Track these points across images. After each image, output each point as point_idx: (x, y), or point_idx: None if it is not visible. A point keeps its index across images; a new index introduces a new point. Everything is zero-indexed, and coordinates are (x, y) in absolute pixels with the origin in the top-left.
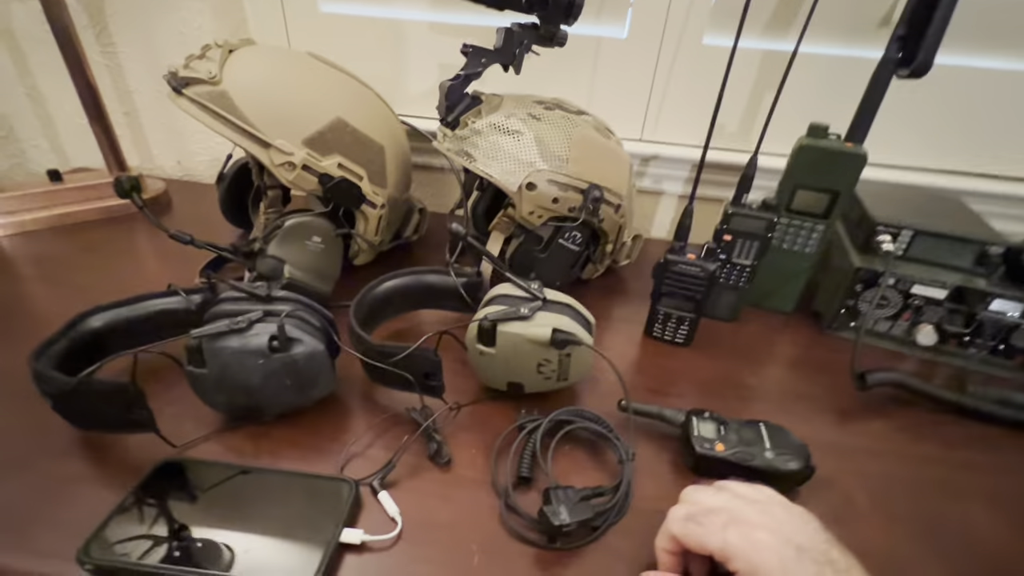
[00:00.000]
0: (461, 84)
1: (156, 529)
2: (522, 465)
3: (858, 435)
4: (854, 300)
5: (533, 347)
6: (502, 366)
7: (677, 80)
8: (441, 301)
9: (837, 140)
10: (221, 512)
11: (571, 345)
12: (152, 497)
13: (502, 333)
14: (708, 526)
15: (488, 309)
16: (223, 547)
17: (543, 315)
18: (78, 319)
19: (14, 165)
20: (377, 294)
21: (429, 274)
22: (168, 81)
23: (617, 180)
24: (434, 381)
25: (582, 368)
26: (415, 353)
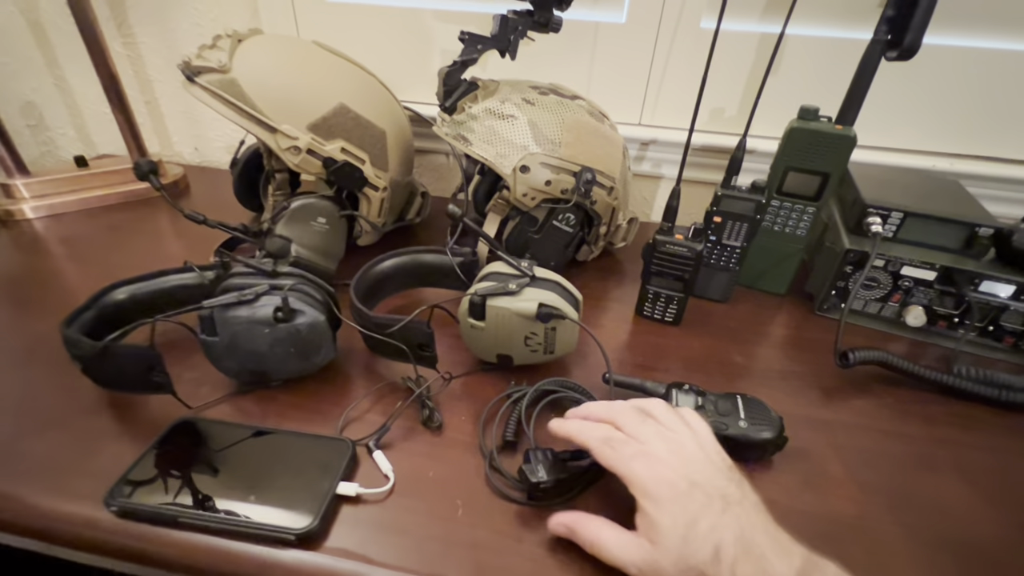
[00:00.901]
0: (458, 70)
1: (172, 478)
2: (507, 430)
3: (839, 411)
4: (845, 282)
5: (520, 321)
6: (491, 339)
7: (675, 64)
8: (439, 279)
9: (827, 123)
10: (230, 465)
11: (555, 319)
12: (169, 451)
13: (491, 307)
14: (620, 452)
15: (479, 285)
16: (231, 496)
17: (530, 291)
18: (104, 292)
19: (44, 152)
20: (377, 272)
21: (426, 253)
22: (182, 70)
23: (610, 163)
24: (427, 352)
25: (567, 341)
26: (409, 325)
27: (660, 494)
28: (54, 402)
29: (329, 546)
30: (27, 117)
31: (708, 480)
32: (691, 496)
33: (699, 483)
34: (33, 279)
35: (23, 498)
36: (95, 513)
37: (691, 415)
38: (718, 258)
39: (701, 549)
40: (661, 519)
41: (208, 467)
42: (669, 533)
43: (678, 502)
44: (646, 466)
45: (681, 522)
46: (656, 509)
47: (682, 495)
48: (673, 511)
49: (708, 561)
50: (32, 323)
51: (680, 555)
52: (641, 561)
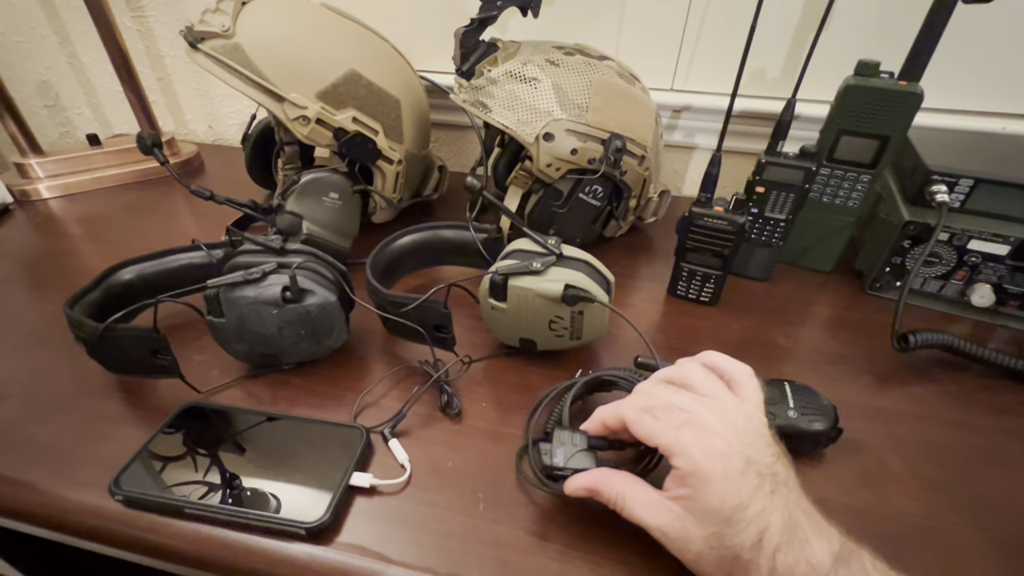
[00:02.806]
0: (476, 30)
1: (178, 466)
2: (549, 421)
3: (897, 399)
4: (901, 257)
5: (544, 303)
6: (514, 322)
7: (712, 22)
8: (461, 257)
9: (890, 79)
10: (239, 453)
11: (583, 302)
12: (176, 437)
13: (513, 288)
14: (664, 422)
15: (501, 263)
16: (240, 486)
17: (557, 270)
18: (109, 271)
19: (63, 133)
20: (395, 248)
21: (447, 229)
22: (184, 36)
23: (641, 130)
24: (444, 333)
25: (596, 327)
26: (425, 305)
27: (713, 471)
28: (62, 385)
29: (341, 541)
30: (44, 97)
31: (761, 457)
32: (746, 476)
33: (753, 461)
34: (47, 259)
35: (30, 484)
36: (101, 501)
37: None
38: (759, 232)
39: (744, 532)
40: (710, 497)
41: (216, 455)
42: (715, 512)
43: (731, 481)
44: (696, 437)
45: (732, 504)
46: (705, 486)
47: (736, 474)
48: (724, 491)
49: (748, 546)
50: (44, 304)
51: (718, 533)
52: (669, 527)
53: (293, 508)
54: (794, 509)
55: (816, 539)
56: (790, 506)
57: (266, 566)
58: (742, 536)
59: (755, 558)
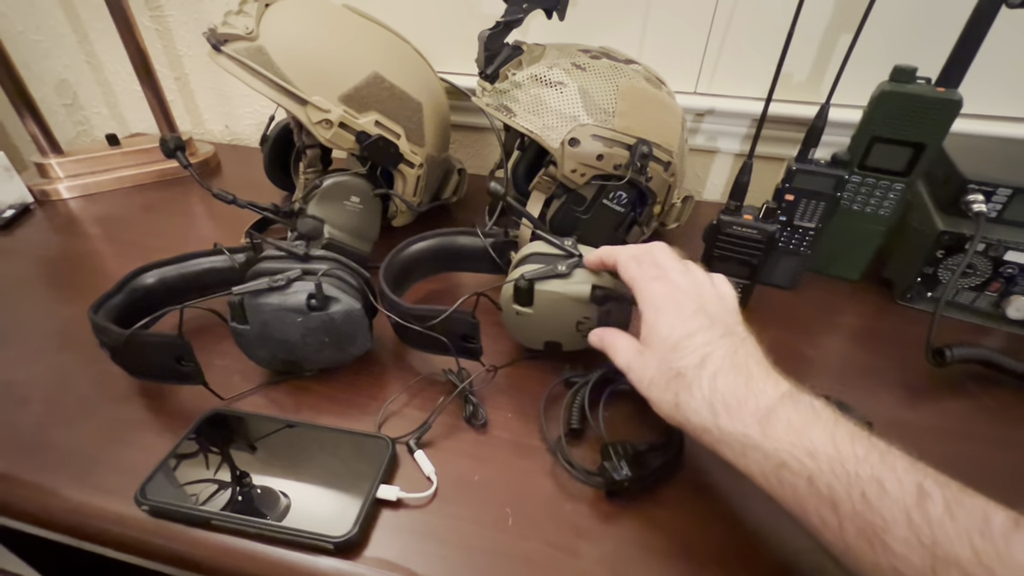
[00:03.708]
0: (501, 33)
1: (203, 475)
2: (572, 417)
3: (931, 415)
4: (934, 268)
5: (573, 305)
6: (539, 325)
7: (739, 24)
8: (472, 263)
9: (927, 84)
10: (264, 463)
11: (612, 301)
12: (200, 445)
13: (540, 292)
14: (643, 271)
15: (523, 268)
16: (264, 497)
17: (581, 272)
18: (132, 275)
19: (81, 132)
20: (406, 256)
21: (459, 235)
22: (207, 38)
23: (668, 135)
24: (472, 344)
25: (623, 324)
26: (453, 316)
27: (666, 307)
28: (84, 390)
29: (369, 555)
30: (62, 96)
31: (717, 313)
32: (695, 317)
33: (707, 310)
34: (68, 260)
35: (53, 491)
36: (125, 509)
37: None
38: (787, 241)
39: (689, 355)
40: (659, 326)
41: (240, 464)
42: (664, 338)
43: (680, 316)
44: (663, 287)
45: (678, 332)
46: (657, 318)
47: (686, 313)
48: (672, 322)
49: (692, 366)
50: (65, 306)
51: (665, 357)
52: (632, 360)
53: (320, 521)
54: (744, 354)
55: (763, 377)
56: (740, 350)
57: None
58: (687, 359)
59: (697, 375)
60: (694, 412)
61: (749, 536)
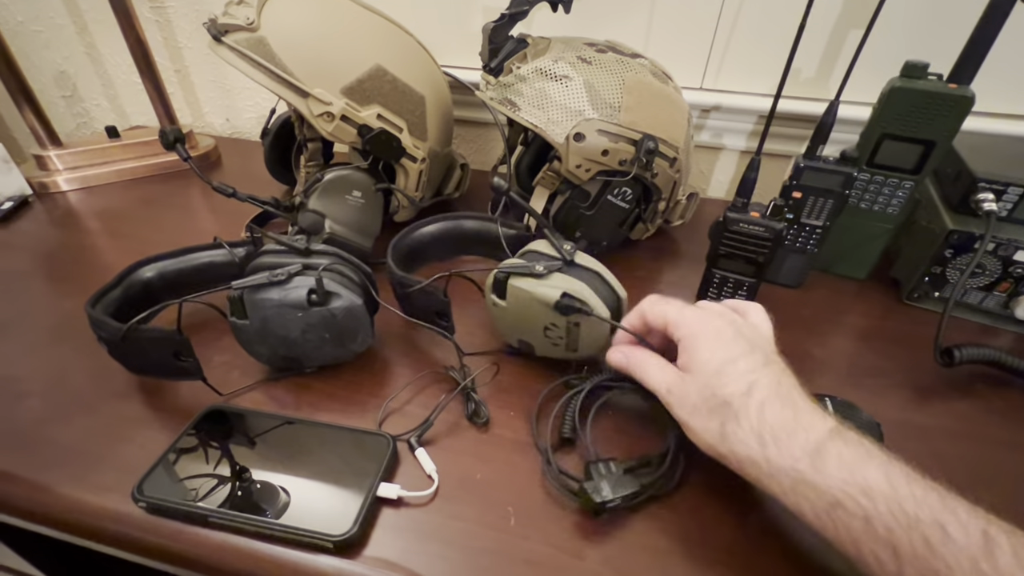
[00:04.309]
0: (505, 25)
1: (201, 472)
2: (564, 426)
3: (940, 415)
4: (942, 267)
5: (540, 308)
6: (512, 322)
7: (747, 18)
8: (487, 248)
9: (938, 81)
10: (263, 459)
11: (579, 314)
12: (199, 441)
13: (512, 287)
14: (672, 304)
15: (510, 261)
16: (263, 493)
17: (559, 277)
18: (130, 269)
19: (80, 124)
20: (419, 236)
21: (470, 220)
22: (208, 29)
23: (674, 130)
24: (444, 321)
25: (594, 341)
26: (426, 290)
27: (704, 332)
28: (82, 385)
29: (369, 555)
30: (62, 88)
31: (754, 339)
32: (735, 342)
33: (745, 336)
34: (66, 253)
35: (50, 487)
36: (123, 507)
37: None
38: (794, 239)
39: (734, 383)
40: (699, 350)
41: (239, 461)
42: (705, 364)
43: (720, 340)
44: (698, 313)
45: (720, 357)
46: (695, 342)
47: (726, 338)
48: (713, 347)
49: (738, 394)
50: (63, 300)
51: (708, 383)
52: (671, 383)
53: (319, 519)
54: (788, 384)
55: (809, 410)
56: (783, 380)
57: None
58: (731, 386)
59: (744, 404)
60: (741, 443)
61: (756, 537)
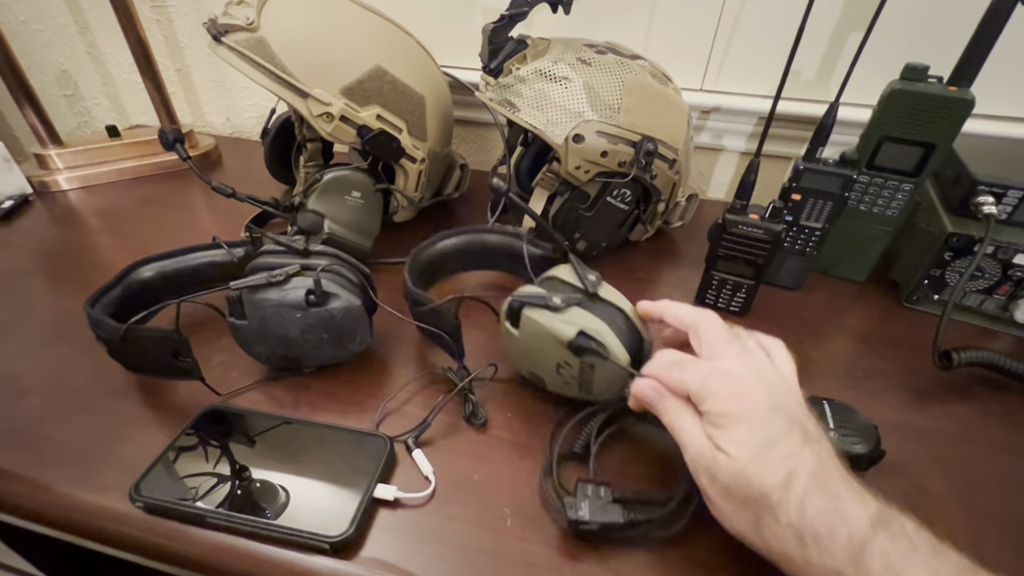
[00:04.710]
0: (505, 26)
1: (198, 472)
2: (577, 442)
3: (938, 418)
4: (941, 270)
5: (553, 344)
6: (523, 353)
7: (748, 19)
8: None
9: (938, 84)
10: (260, 460)
11: (593, 356)
12: (197, 441)
13: (526, 317)
14: (692, 372)
15: (527, 288)
16: (261, 493)
17: (578, 312)
18: (130, 269)
19: (81, 123)
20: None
21: (495, 235)
22: (208, 29)
23: (673, 132)
24: (454, 342)
25: (609, 386)
26: (438, 310)
27: (738, 410)
28: (81, 383)
29: (365, 556)
30: (63, 87)
31: (790, 409)
32: (772, 420)
33: (781, 407)
34: (66, 252)
35: (48, 486)
36: (120, 506)
37: (776, 345)
38: (793, 241)
39: (772, 471)
40: (735, 431)
41: (236, 461)
42: (741, 447)
43: (756, 418)
44: (725, 382)
45: (757, 440)
46: (732, 423)
47: (762, 414)
48: (749, 427)
49: (777, 486)
50: (63, 298)
51: (744, 471)
52: (701, 453)
53: (316, 520)
54: (827, 463)
55: (850, 496)
56: (823, 459)
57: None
58: (770, 475)
59: (784, 498)
60: (777, 539)
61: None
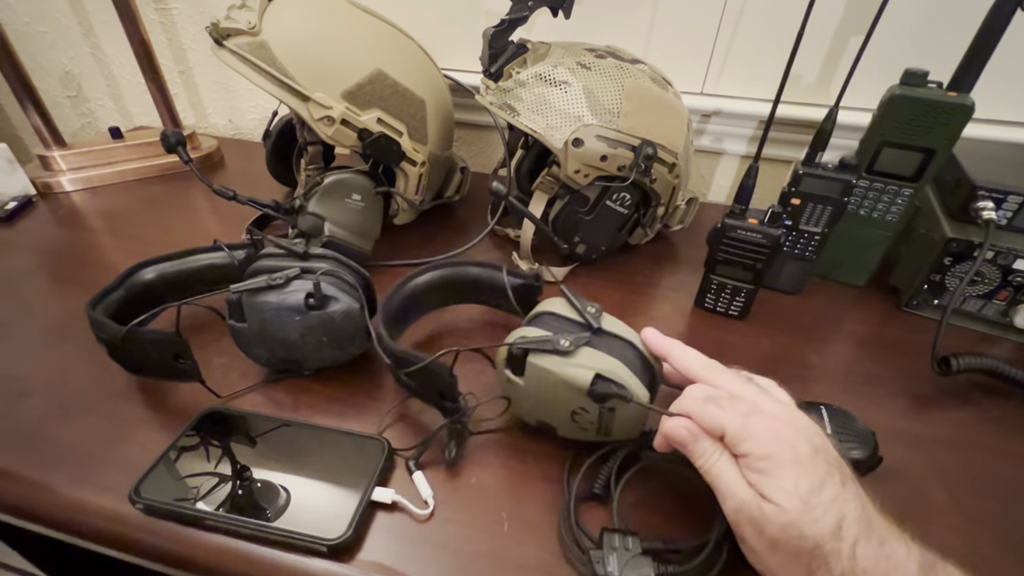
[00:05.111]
0: (506, 31)
1: (198, 473)
2: (596, 482)
3: (936, 424)
4: (941, 275)
5: (568, 390)
6: (531, 402)
7: (748, 23)
8: (490, 297)
9: (938, 89)
10: (259, 462)
11: (616, 400)
12: (197, 443)
13: (533, 366)
14: (731, 409)
15: (526, 330)
16: (259, 495)
17: (589, 352)
18: (132, 271)
19: (85, 124)
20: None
21: (475, 267)
22: (210, 33)
23: (673, 136)
24: (448, 402)
25: (630, 425)
26: (430, 367)
27: (782, 454)
28: (83, 385)
29: (363, 559)
30: (67, 88)
31: (827, 447)
32: (815, 462)
33: (821, 449)
34: (69, 254)
35: (48, 487)
36: (121, 507)
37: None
38: (793, 245)
39: (823, 519)
40: (782, 479)
41: (235, 462)
42: (789, 494)
43: (800, 463)
44: (764, 422)
45: (805, 486)
46: (777, 468)
47: (806, 459)
48: (796, 473)
49: (828, 534)
50: (66, 300)
51: (795, 520)
52: (748, 504)
53: (314, 522)
54: (868, 506)
55: (896, 542)
56: (863, 502)
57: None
58: (821, 523)
59: (836, 548)
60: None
61: None
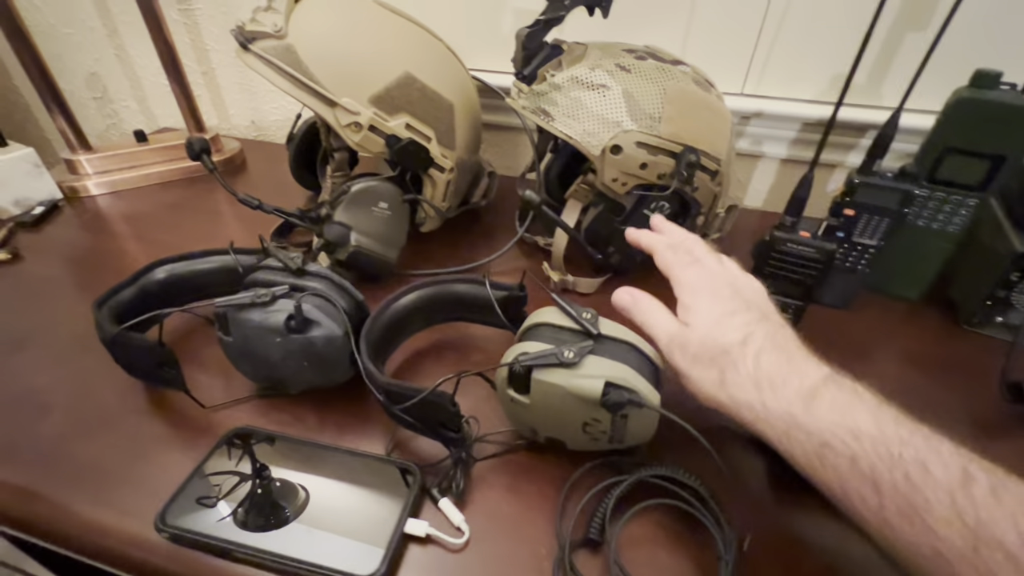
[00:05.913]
0: (540, 31)
1: (225, 499)
2: (591, 525)
3: (1004, 457)
4: (1007, 291)
5: (578, 403)
6: (538, 419)
7: (793, 19)
8: (477, 315)
9: (1012, 91)
10: (287, 488)
11: (629, 406)
12: (223, 466)
13: (538, 382)
14: (679, 258)
15: (525, 345)
16: (288, 524)
17: (594, 360)
18: (144, 271)
19: (110, 126)
20: (397, 309)
21: (459, 284)
22: (235, 36)
23: (716, 142)
24: (451, 432)
25: (643, 431)
26: (428, 400)
27: (703, 289)
28: (106, 399)
29: None
30: (92, 89)
31: (752, 299)
32: (732, 299)
33: (743, 295)
34: (95, 259)
35: (69, 507)
36: (146, 532)
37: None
38: (844, 258)
39: (731, 332)
40: (699, 305)
41: (263, 488)
42: (704, 316)
43: (718, 297)
44: (698, 273)
45: (717, 311)
46: (695, 299)
47: (724, 296)
48: (711, 302)
49: (736, 343)
50: (89, 308)
51: (708, 334)
52: (674, 332)
53: (345, 556)
54: (784, 336)
55: (803, 358)
56: (779, 333)
57: None
58: (729, 335)
59: (742, 353)
60: (739, 388)
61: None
